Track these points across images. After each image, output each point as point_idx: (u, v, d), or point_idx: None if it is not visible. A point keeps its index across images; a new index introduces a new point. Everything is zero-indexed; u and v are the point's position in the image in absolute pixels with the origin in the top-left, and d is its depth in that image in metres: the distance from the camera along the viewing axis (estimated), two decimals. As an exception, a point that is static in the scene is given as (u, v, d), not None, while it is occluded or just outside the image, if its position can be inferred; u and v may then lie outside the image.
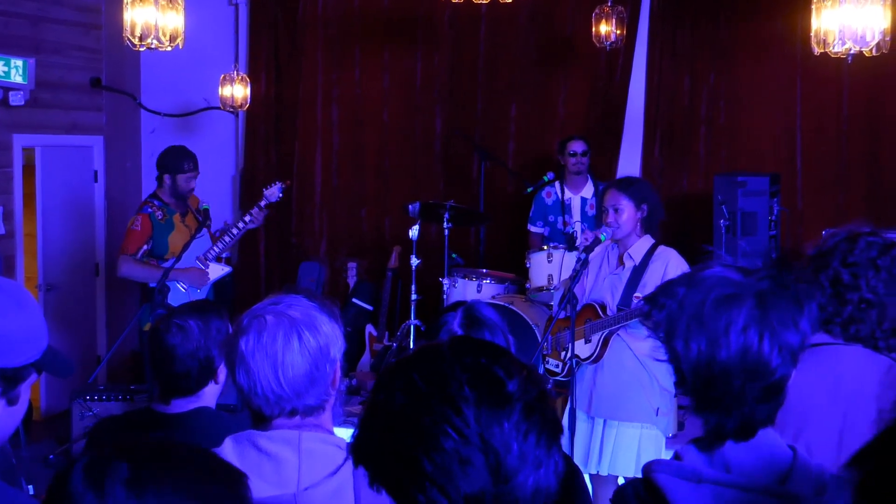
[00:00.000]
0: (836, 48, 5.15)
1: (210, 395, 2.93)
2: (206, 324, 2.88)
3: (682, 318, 1.84)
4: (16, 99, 7.73)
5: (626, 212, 4.93)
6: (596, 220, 7.15)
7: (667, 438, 5.06)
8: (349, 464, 2.18)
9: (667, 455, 5.03)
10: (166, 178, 6.72)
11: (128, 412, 3.27)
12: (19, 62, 7.65)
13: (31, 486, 2.70)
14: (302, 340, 2.17)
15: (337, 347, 2.23)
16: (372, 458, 1.36)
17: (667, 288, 1.90)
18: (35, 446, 7.19)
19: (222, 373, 2.87)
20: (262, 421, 2.22)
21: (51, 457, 6.55)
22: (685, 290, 1.85)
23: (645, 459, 4.84)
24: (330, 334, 2.22)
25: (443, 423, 1.27)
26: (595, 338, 5.00)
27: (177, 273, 6.47)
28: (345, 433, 2.31)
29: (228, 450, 2.20)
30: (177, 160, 6.74)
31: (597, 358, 5.01)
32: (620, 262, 5.03)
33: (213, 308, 2.99)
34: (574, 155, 7.52)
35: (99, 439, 2.87)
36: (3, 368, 1.94)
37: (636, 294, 4.86)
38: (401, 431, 1.31)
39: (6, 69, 7.55)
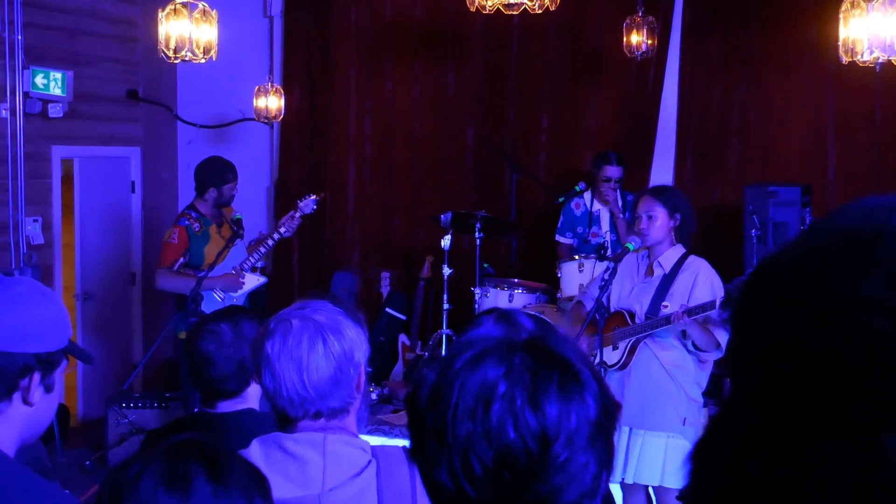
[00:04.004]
0: (865, 57, 5.15)
1: (253, 395, 3.00)
2: (236, 325, 2.96)
3: None
4: (55, 111, 7.84)
5: (660, 219, 4.95)
6: (627, 228, 7.13)
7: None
8: (373, 466, 2.23)
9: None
10: (212, 191, 6.77)
11: (179, 418, 3.38)
12: (58, 75, 7.76)
13: (67, 492, 2.76)
14: (326, 344, 2.22)
15: (361, 352, 2.28)
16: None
17: None
18: (71, 452, 7.30)
19: None
20: (287, 423, 2.27)
21: (87, 463, 6.65)
22: None
23: (671, 469, 4.90)
24: (354, 339, 2.27)
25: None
26: (622, 345, 5.02)
27: (211, 281, 6.54)
28: (373, 440, 2.37)
29: (255, 451, 2.25)
30: (220, 172, 6.81)
31: (623, 365, 5.03)
32: (650, 272, 5.05)
33: (240, 310, 3.08)
34: (608, 181, 7.31)
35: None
36: (41, 353, 2.02)
37: (664, 303, 4.87)
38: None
39: (45, 81, 7.68)
